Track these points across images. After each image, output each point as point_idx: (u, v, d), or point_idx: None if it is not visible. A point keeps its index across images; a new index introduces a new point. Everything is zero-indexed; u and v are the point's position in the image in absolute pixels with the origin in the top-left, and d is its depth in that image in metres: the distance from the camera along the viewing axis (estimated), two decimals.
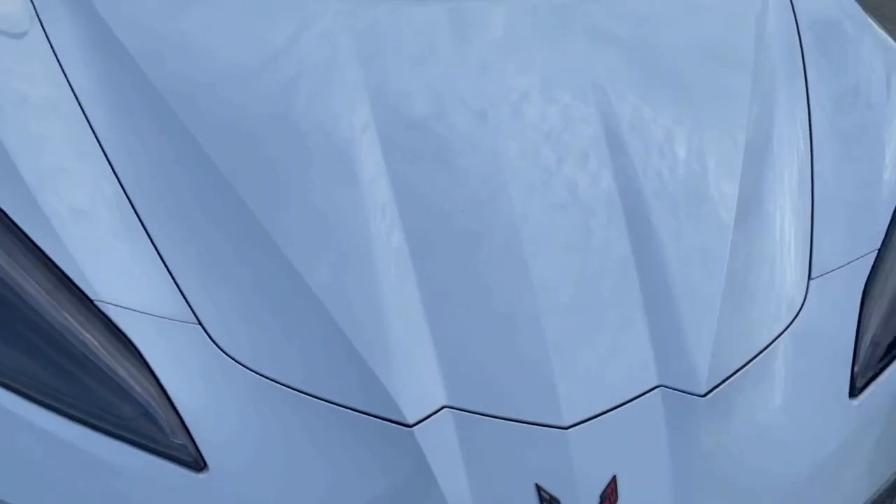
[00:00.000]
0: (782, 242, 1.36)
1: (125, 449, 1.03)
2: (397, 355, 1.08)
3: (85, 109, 1.31)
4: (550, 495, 1.02)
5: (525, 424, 1.06)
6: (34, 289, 1.10)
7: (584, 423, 1.08)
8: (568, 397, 1.09)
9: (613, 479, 1.06)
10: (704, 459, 1.11)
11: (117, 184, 1.23)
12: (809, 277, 1.32)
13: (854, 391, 1.24)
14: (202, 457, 1.02)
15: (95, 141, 1.27)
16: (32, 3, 1.49)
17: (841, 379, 1.24)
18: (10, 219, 1.14)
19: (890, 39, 1.81)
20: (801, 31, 1.74)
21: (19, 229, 1.13)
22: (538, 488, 1.03)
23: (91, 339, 1.07)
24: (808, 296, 1.30)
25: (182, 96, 1.32)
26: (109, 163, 1.25)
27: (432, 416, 1.05)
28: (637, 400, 1.12)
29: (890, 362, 1.29)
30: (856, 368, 1.25)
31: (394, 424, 1.03)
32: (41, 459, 1.04)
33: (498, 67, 1.48)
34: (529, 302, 1.16)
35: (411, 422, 1.03)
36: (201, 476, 1.02)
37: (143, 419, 1.04)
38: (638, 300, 1.20)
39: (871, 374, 1.27)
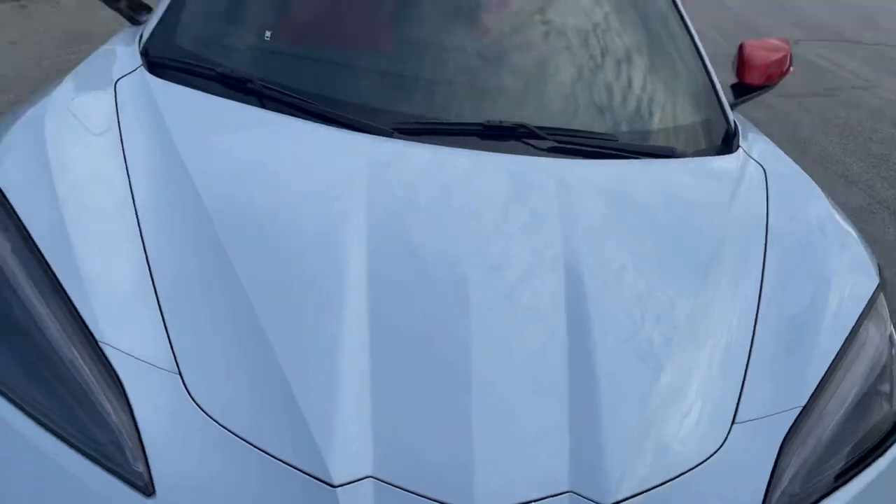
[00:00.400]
0: (713, 387, 1.50)
1: (91, 468, 1.21)
2: (338, 425, 1.25)
3: (134, 195, 1.61)
4: None
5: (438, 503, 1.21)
6: (54, 324, 1.35)
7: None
8: (482, 487, 1.23)
9: None
10: None
11: (143, 256, 1.49)
12: (734, 421, 1.45)
13: None
14: (153, 485, 1.20)
15: (136, 221, 1.55)
16: (116, 107, 1.84)
17: None
18: (52, 270, 1.41)
19: (847, 226, 2.00)
20: (770, 212, 1.94)
21: (56, 278, 1.40)
22: None
23: (87, 371, 1.29)
24: (730, 437, 1.42)
25: (216, 205, 1.60)
26: (143, 240, 1.52)
27: (356, 482, 1.20)
28: (545, 500, 1.25)
29: None
30: None
31: (321, 483, 1.19)
32: (17, 462, 1.23)
33: (484, 219, 1.72)
34: (466, 401, 1.33)
35: (336, 483, 1.19)
36: (149, 501, 1.19)
37: (112, 446, 1.23)
38: (565, 415, 1.36)
39: None
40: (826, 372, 1.56)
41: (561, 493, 1.26)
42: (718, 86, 2.38)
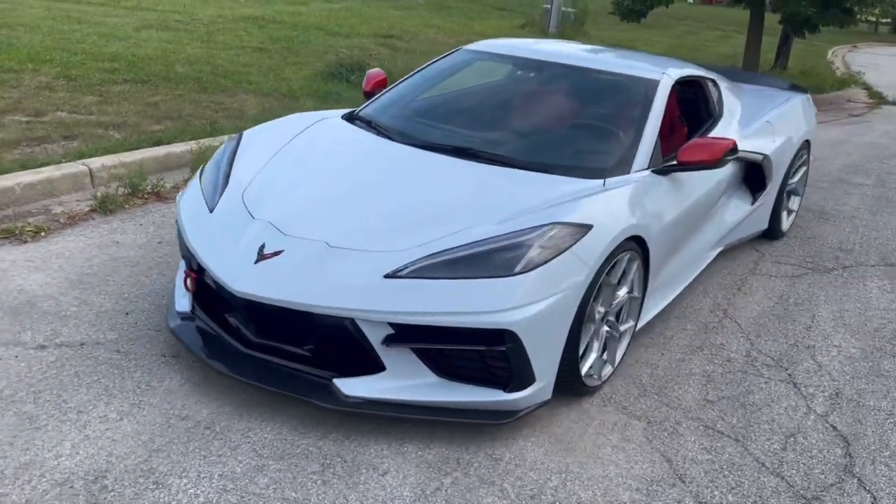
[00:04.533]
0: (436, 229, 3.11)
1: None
2: (274, 209, 3.29)
3: (286, 147, 3.88)
4: (262, 247, 3.03)
5: (279, 232, 3.11)
6: (224, 171, 3.71)
7: (292, 237, 3.08)
8: (297, 228, 3.12)
9: (280, 251, 2.98)
10: (317, 267, 2.94)
11: (270, 158, 3.77)
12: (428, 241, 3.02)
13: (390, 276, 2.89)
14: (215, 209, 3.43)
15: (278, 151, 3.83)
16: (315, 122, 4.20)
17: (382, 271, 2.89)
18: (232, 161, 3.79)
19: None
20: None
21: (232, 163, 3.76)
22: (262, 247, 3.03)
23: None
24: (419, 246, 2.99)
25: (310, 154, 3.81)
26: (276, 154, 3.82)
27: (260, 221, 3.21)
28: (318, 241, 3.03)
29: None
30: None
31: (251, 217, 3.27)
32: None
33: (409, 165, 3.66)
34: (338, 206, 3.31)
35: (254, 218, 3.25)
36: (211, 214, 3.41)
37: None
38: (369, 217, 3.23)
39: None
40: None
41: (321, 242, 3.03)
42: (641, 153, 3.75)
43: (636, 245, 3.35)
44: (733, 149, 3.72)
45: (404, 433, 2.95)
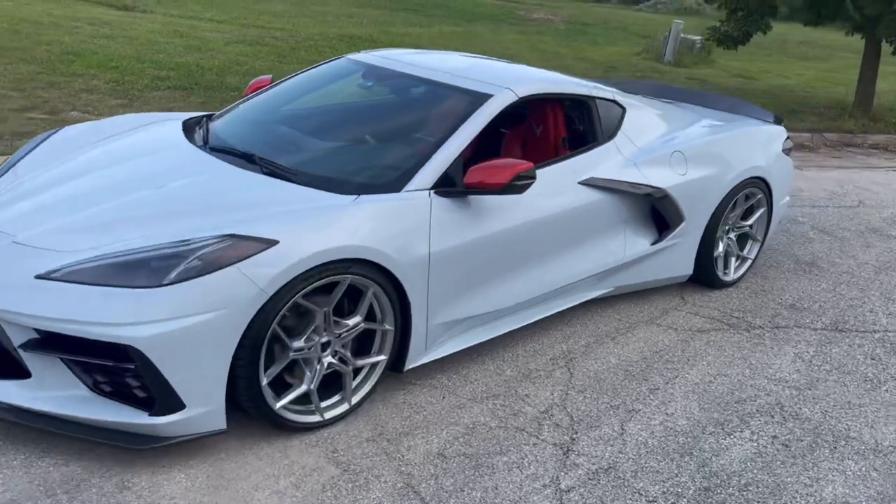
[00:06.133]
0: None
1: None
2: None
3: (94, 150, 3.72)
4: None
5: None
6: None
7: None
8: (5, 223, 2.98)
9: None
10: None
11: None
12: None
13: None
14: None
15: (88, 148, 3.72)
16: (153, 122, 4.11)
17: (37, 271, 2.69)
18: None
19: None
20: None
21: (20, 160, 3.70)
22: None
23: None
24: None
25: (85, 162, 3.53)
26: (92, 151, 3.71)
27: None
28: (6, 235, 2.89)
29: None
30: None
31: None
32: None
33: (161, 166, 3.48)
34: (68, 203, 3.15)
35: None
36: None
37: None
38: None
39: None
40: None
41: (9, 236, 2.90)
42: (425, 171, 3.29)
43: (374, 270, 2.95)
44: (526, 174, 3.22)
45: (55, 446, 2.74)
